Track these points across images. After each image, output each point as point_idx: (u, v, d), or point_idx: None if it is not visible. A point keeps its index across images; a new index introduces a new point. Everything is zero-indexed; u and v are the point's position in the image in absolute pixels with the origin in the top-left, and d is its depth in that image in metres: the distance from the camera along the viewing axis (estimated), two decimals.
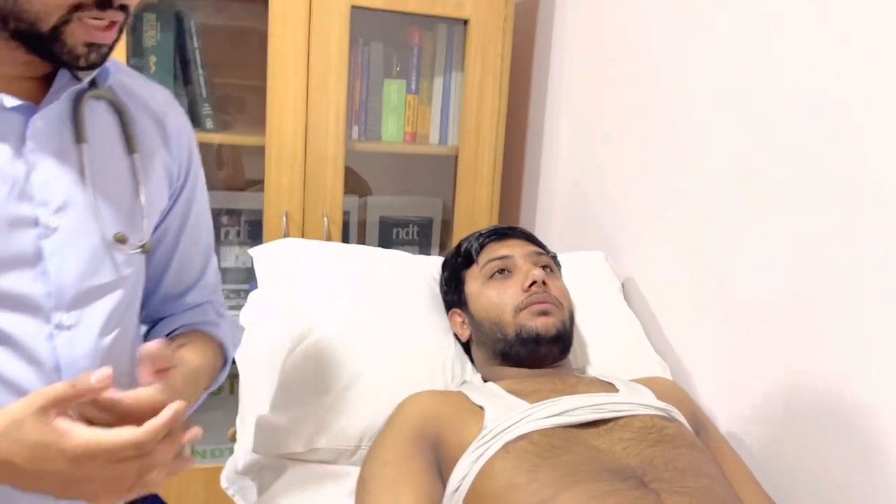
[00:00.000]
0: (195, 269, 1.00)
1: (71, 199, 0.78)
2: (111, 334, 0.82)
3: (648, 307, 1.48)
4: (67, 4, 0.69)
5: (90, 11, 0.70)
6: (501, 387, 1.09)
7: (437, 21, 1.85)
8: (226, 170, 2.08)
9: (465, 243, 1.27)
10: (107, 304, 0.82)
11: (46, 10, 0.69)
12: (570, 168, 1.83)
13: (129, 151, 0.85)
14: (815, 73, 1.08)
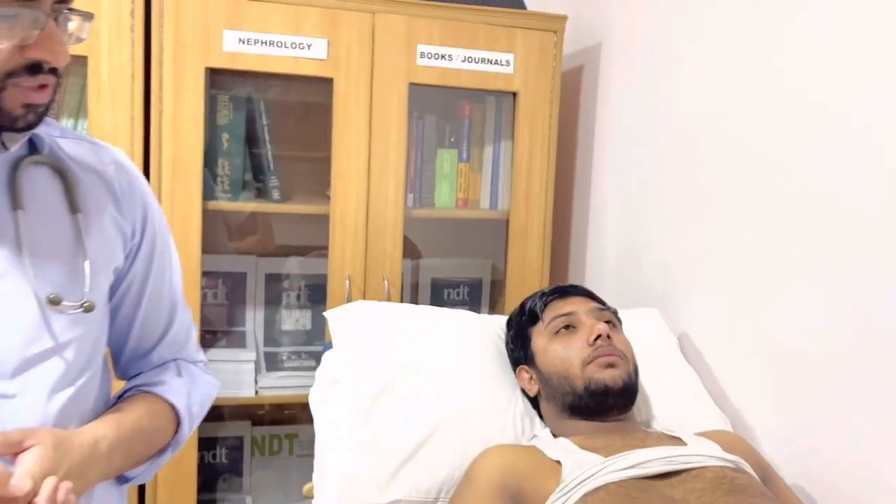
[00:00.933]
0: (160, 326, 1.00)
1: (7, 267, 0.78)
2: (62, 398, 0.81)
3: (704, 361, 1.52)
4: (1, 73, 0.71)
5: (22, 77, 0.73)
6: (573, 442, 1.14)
7: (486, 94, 1.97)
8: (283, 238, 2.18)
9: (529, 302, 1.34)
10: (53, 367, 0.81)
11: None
12: (618, 227, 1.90)
13: (72, 211, 0.85)
14: (861, 134, 1.15)
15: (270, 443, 2.19)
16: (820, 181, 1.22)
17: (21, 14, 0.70)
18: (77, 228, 0.84)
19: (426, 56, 1.82)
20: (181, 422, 0.96)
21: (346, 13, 1.74)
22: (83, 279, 0.84)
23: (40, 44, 0.72)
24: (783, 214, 1.31)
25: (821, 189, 1.22)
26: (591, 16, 2.05)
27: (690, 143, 1.59)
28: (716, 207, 1.49)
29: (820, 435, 1.21)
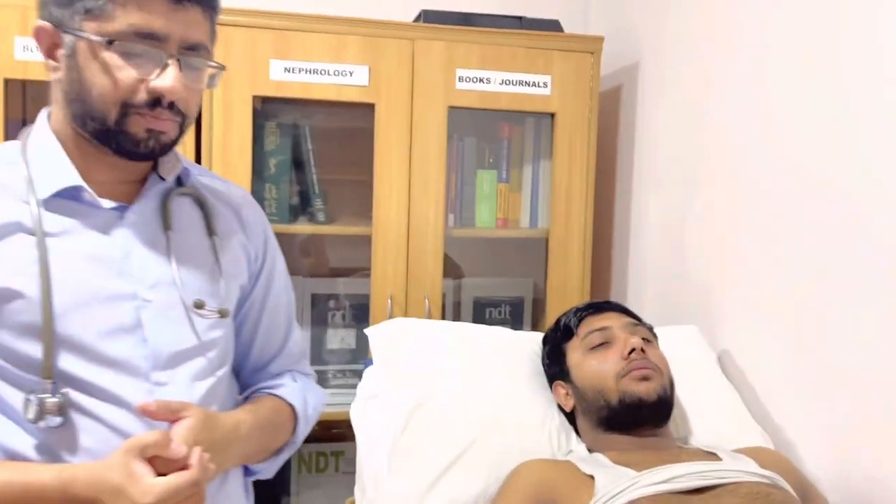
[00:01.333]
0: (277, 341, 1.13)
1: (161, 277, 0.94)
2: (202, 387, 0.96)
3: (746, 379, 1.51)
4: (119, 101, 0.86)
5: (142, 108, 0.86)
6: (608, 457, 1.15)
7: (525, 115, 2.00)
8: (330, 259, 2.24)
9: (564, 318, 1.35)
10: (196, 362, 0.96)
11: (107, 107, 0.86)
12: (659, 245, 1.90)
13: (209, 234, 1.01)
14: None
15: (317, 460, 2.24)
16: (863, 196, 1.21)
17: (147, 53, 0.85)
18: (213, 248, 1.00)
19: (465, 80, 1.87)
20: (298, 422, 1.09)
21: (386, 40, 1.80)
22: (219, 291, 0.99)
23: (161, 80, 0.85)
24: (825, 230, 1.30)
25: (863, 204, 1.21)
26: (629, 35, 2.07)
27: (729, 160, 1.59)
28: (757, 223, 1.49)
29: (866, 454, 1.19)
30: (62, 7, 0.85)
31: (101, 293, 0.89)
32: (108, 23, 0.84)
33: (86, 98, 0.86)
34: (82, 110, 0.87)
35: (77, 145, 0.91)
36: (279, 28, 1.74)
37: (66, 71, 0.86)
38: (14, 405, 0.87)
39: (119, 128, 0.87)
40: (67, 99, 0.88)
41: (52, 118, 0.93)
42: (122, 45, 0.83)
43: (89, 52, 0.84)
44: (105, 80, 0.85)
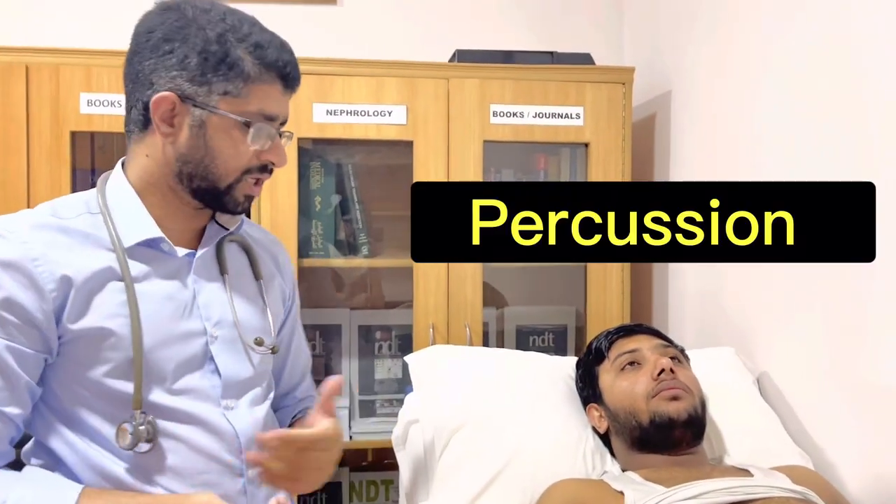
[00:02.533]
0: (302, 368, 1.29)
1: (223, 316, 1.05)
2: (259, 411, 1.08)
3: (785, 400, 1.51)
4: (241, 169, 1.00)
5: (255, 173, 1.01)
6: (640, 475, 1.17)
7: (560, 147, 2.05)
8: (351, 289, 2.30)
9: (596, 342, 1.39)
10: (253, 392, 1.08)
11: (228, 172, 1.00)
12: (698, 269, 1.91)
13: (256, 278, 1.14)
14: None
15: (367, 488, 2.29)
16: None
17: (264, 128, 0.99)
18: (260, 291, 1.13)
19: (499, 115, 1.93)
20: None
21: (422, 80, 1.89)
22: (269, 328, 1.12)
23: (272, 151, 1.01)
24: None
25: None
26: (661, 65, 2.11)
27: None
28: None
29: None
30: (197, 85, 0.95)
31: (177, 331, 1.00)
32: (242, 105, 0.97)
33: (207, 163, 0.98)
34: (196, 172, 0.99)
35: (160, 197, 1.02)
36: (321, 73, 1.84)
37: (189, 138, 0.97)
38: (104, 434, 0.97)
39: (228, 191, 1.01)
40: (180, 160, 0.99)
41: (128, 169, 1.03)
42: (254, 125, 0.97)
43: (221, 127, 0.97)
44: (232, 151, 0.98)
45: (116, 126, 1.77)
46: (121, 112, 1.74)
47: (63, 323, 0.94)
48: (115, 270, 0.97)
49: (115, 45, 1.89)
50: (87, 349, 0.95)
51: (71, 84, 1.76)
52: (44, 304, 0.93)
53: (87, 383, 0.96)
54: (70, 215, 0.99)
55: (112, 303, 0.96)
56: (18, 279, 0.92)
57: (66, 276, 0.94)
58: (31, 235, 0.95)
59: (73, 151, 1.78)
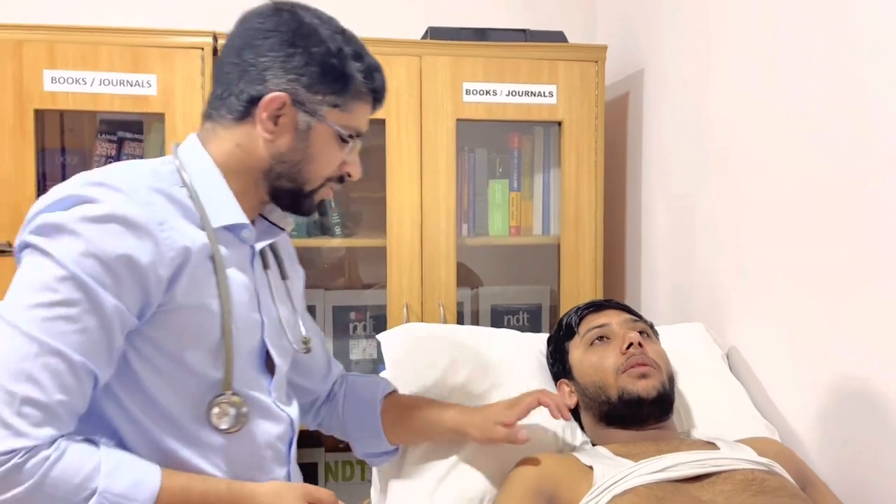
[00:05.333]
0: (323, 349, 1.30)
1: (271, 311, 1.06)
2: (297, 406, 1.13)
3: (753, 375, 1.53)
4: (327, 176, 1.03)
5: (333, 182, 1.05)
6: (609, 450, 1.18)
7: (533, 125, 2.05)
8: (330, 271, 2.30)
9: (566, 318, 1.39)
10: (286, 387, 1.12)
11: (316, 178, 1.03)
12: (670, 247, 1.92)
13: (283, 277, 1.14)
14: None
15: (343, 468, 2.29)
16: (870, 195, 1.22)
17: (357, 142, 1.04)
18: (288, 289, 1.14)
19: (472, 93, 1.92)
20: None
21: (394, 58, 1.87)
22: (299, 328, 1.15)
23: (353, 163, 1.05)
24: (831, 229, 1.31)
25: (870, 203, 1.22)
26: (634, 43, 2.11)
27: (736, 162, 1.61)
28: (763, 223, 1.51)
29: (871, 448, 1.20)
30: (312, 93, 0.98)
31: (250, 319, 1.02)
32: (345, 119, 1.00)
33: (301, 167, 1.00)
34: (288, 173, 1.00)
35: (239, 186, 1.01)
36: None
37: (291, 140, 0.99)
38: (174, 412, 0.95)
39: (310, 194, 1.04)
40: (276, 158, 1.00)
41: (211, 150, 1.01)
42: (353, 140, 1.02)
43: (324, 135, 1.00)
44: (327, 160, 1.01)
45: (82, 104, 1.76)
46: (86, 90, 1.74)
47: (172, 292, 0.92)
48: (208, 249, 0.96)
49: (79, 21, 1.88)
50: (183, 323, 0.94)
51: (34, 61, 1.73)
52: (161, 271, 0.90)
53: (172, 358, 0.94)
54: (168, 184, 0.97)
55: (208, 282, 0.96)
56: (143, 241, 0.89)
57: (185, 246, 0.93)
58: (152, 197, 0.92)
59: (37, 130, 1.75)
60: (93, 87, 1.75)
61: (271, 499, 0.94)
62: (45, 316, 0.84)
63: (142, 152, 1.88)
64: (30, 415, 0.81)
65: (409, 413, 1.25)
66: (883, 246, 1.19)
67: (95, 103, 1.76)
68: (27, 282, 0.86)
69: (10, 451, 0.80)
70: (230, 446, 0.98)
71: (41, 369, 0.82)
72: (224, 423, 0.97)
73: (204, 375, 0.96)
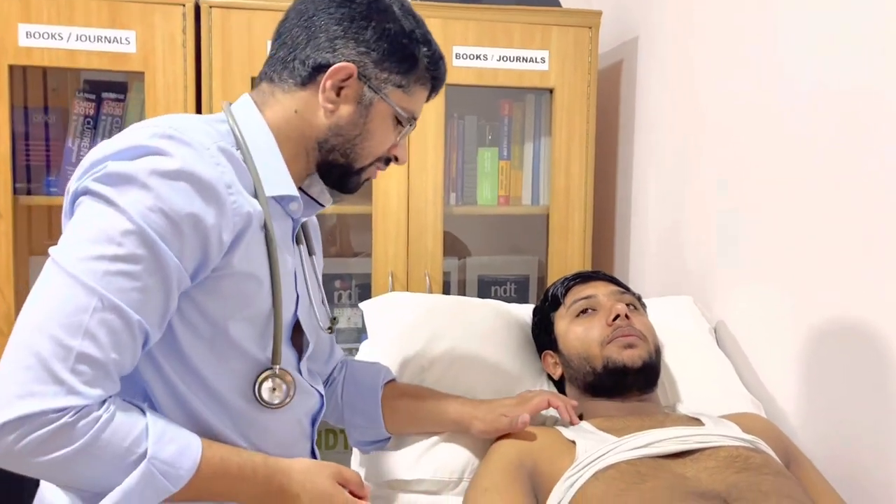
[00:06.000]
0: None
1: (302, 289, 1.03)
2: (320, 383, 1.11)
3: (741, 349, 1.51)
4: (377, 156, 1.01)
5: (380, 163, 1.03)
6: (592, 424, 1.16)
7: (524, 92, 2.00)
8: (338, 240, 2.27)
9: (552, 288, 1.37)
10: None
11: (368, 156, 1.00)
12: (660, 219, 1.90)
13: (310, 253, 1.11)
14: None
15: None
16: (863, 167, 1.20)
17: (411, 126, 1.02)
18: (314, 268, 1.11)
19: (462, 57, 1.87)
20: None
21: None
22: (325, 305, 1.13)
23: (402, 147, 1.04)
24: (822, 204, 1.28)
25: (864, 175, 1.19)
26: (629, 10, 2.06)
27: (728, 134, 1.58)
28: (754, 197, 1.48)
29: (858, 425, 1.19)
30: (379, 69, 0.96)
31: (290, 294, 0.98)
32: (405, 101, 0.99)
33: (357, 143, 0.98)
34: (342, 147, 0.98)
35: (289, 154, 0.97)
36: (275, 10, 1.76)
37: (351, 114, 0.96)
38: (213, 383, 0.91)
39: (359, 172, 1.01)
40: (333, 130, 0.97)
41: (266, 114, 0.97)
42: (409, 123, 1.01)
43: (383, 114, 0.98)
44: (381, 139, 0.99)
45: (58, 60, 1.70)
46: (63, 45, 1.68)
47: (229, 257, 0.88)
48: (262, 218, 0.92)
49: None
50: (234, 290, 0.90)
51: (8, 14, 1.66)
52: (224, 235, 0.86)
53: (216, 326, 0.90)
54: (229, 145, 0.91)
55: (261, 251, 0.92)
56: (211, 202, 0.84)
57: (248, 212, 0.89)
58: (220, 157, 0.88)
59: (11, 85, 1.69)
60: (69, 44, 1.69)
61: (305, 475, 0.92)
62: (108, 270, 0.78)
63: (122, 112, 1.82)
64: (84, 372, 0.77)
65: (410, 402, 1.22)
66: (878, 221, 1.16)
67: (73, 60, 1.70)
68: (89, 231, 0.80)
69: (61, 409, 0.75)
70: (270, 421, 0.97)
71: (99, 325, 0.78)
72: (276, 397, 0.95)
73: (246, 348, 0.93)
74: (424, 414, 1.21)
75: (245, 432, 0.94)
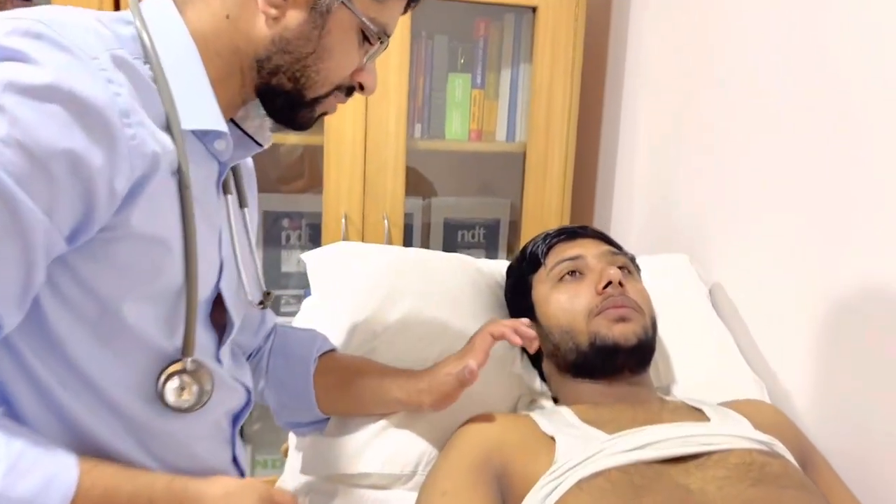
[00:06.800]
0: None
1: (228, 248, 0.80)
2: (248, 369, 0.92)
3: (739, 316, 1.33)
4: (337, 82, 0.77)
5: (340, 94, 0.79)
6: (575, 413, 0.96)
7: (503, 10, 1.75)
8: (286, 171, 2.02)
9: (531, 245, 1.15)
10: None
11: (325, 82, 0.75)
12: (650, 166, 1.70)
13: (241, 205, 0.85)
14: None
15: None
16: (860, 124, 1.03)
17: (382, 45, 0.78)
18: (245, 223, 0.86)
19: None
20: None
21: None
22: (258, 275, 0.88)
23: (369, 72, 0.80)
24: (840, 147, 1.10)
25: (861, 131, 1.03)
26: None
27: (735, 73, 1.38)
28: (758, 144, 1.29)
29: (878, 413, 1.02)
30: None
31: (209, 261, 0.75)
32: (377, 12, 0.75)
33: (309, 63, 0.74)
34: (289, 68, 0.74)
35: (220, 74, 0.73)
36: None
37: (301, 24, 0.72)
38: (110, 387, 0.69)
39: (312, 103, 0.77)
40: (278, 45, 0.73)
41: (188, 19, 0.72)
42: (378, 42, 0.77)
43: (344, 25, 0.74)
44: (342, 59, 0.75)
45: None
46: None
47: (125, 214, 0.64)
48: (175, 161, 0.68)
49: None
50: (131, 259, 0.66)
51: None
52: (118, 182, 0.62)
53: (107, 307, 0.67)
54: (130, 56, 0.67)
55: (170, 207, 0.69)
56: (98, 135, 0.61)
57: (154, 152, 0.65)
58: (116, 73, 0.63)
59: None
60: None
61: (222, 502, 0.70)
62: None
63: None
64: None
65: (349, 378, 1.00)
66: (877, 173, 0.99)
67: None
68: None
69: None
70: (178, 428, 0.75)
71: None
72: (186, 400, 0.72)
73: (146, 335, 0.70)
74: (365, 392, 0.99)
75: (145, 444, 0.72)
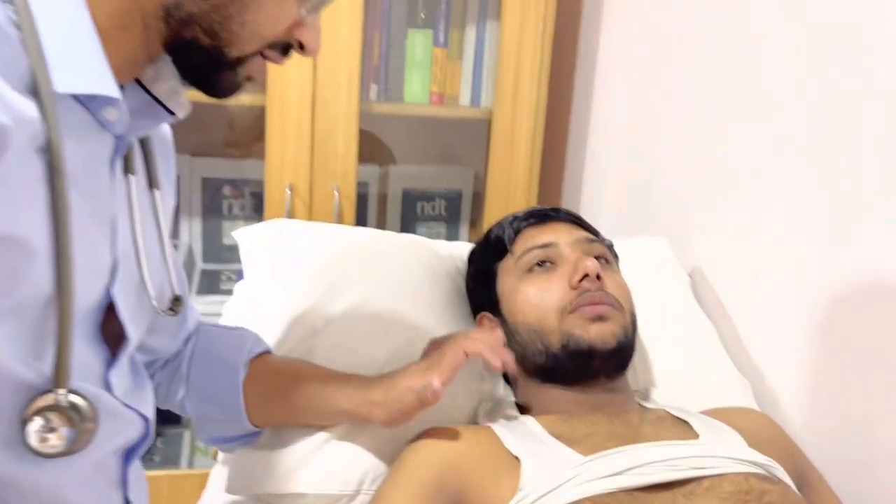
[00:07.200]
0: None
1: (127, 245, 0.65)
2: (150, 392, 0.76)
3: (722, 305, 1.22)
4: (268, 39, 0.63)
5: (273, 53, 0.65)
6: (543, 426, 0.84)
7: None
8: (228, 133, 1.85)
9: (497, 229, 1.01)
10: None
11: (252, 37, 0.61)
12: (626, 138, 1.59)
13: (150, 186, 0.72)
14: None
15: None
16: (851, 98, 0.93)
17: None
18: (154, 208, 0.72)
19: None
20: None
21: None
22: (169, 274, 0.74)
23: (311, 30, 0.65)
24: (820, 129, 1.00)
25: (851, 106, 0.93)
26: None
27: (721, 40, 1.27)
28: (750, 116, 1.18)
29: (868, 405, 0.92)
30: None
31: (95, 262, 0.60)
32: None
33: (232, 13, 0.59)
34: (204, 15, 0.59)
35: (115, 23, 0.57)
36: None
37: None
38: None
39: (235, 63, 0.62)
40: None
41: None
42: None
43: None
44: (273, 10, 0.61)
45: None
46: None
47: None
48: (42, 134, 0.52)
49: None
50: None
51: None
52: None
53: None
54: None
55: (34, 194, 0.53)
56: None
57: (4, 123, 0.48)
58: None
59: None
60: None
61: None
62: None
63: None
64: None
65: (286, 385, 0.86)
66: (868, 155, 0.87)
67: None
68: None
69: None
70: (46, 477, 0.59)
71: None
72: (53, 444, 0.56)
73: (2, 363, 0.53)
74: (306, 402, 0.85)
75: (4, 497, 0.57)
